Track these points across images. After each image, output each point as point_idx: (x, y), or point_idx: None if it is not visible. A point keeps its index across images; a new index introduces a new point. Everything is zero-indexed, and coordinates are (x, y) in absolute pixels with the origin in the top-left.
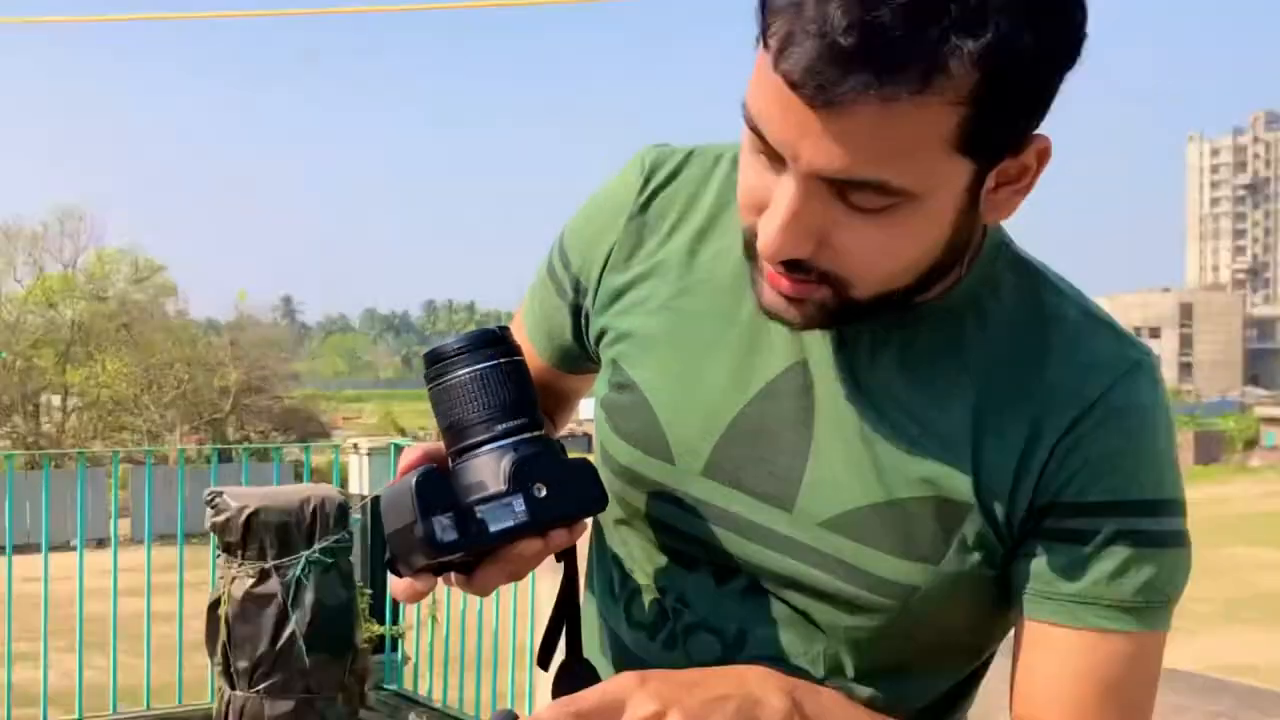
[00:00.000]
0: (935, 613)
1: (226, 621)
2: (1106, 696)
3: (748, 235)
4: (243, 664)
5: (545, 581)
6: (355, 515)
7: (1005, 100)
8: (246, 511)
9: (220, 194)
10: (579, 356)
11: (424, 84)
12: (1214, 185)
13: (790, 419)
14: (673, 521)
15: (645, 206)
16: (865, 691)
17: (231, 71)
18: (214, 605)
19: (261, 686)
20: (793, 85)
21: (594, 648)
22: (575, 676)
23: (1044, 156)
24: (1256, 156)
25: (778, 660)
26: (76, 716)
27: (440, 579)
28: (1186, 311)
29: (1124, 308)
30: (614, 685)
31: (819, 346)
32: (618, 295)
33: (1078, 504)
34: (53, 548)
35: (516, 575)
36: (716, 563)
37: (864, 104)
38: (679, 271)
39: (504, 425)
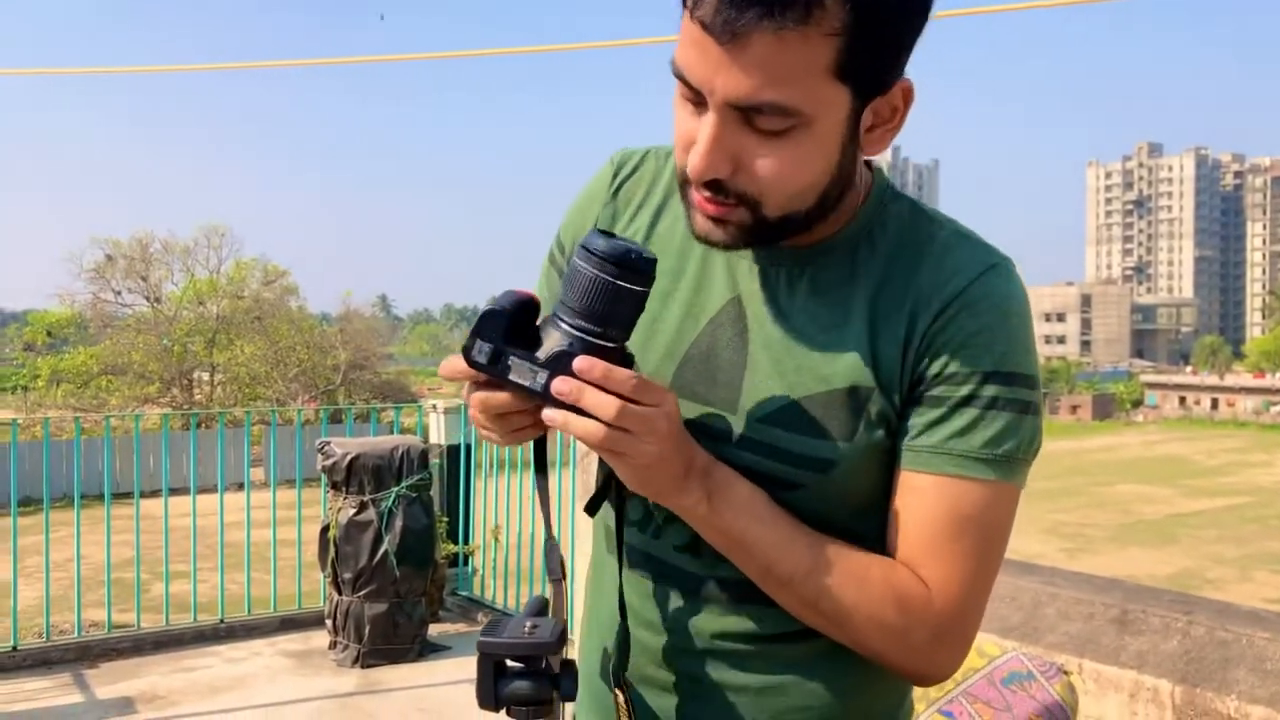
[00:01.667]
0: (852, 482)
1: (334, 543)
2: (960, 534)
3: (680, 172)
4: (347, 575)
5: (579, 514)
6: (434, 460)
7: (872, 34)
8: (349, 456)
9: (333, 214)
10: None
11: (498, 101)
12: (1108, 201)
13: (730, 342)
14: None
15: (615, 194)
16: None
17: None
18: (324, 530)
19: (362, 593)
20: (704, 26)
21: (604, 548)
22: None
23: (908, 96)
24: (1141, 178)
25: None
26: (220, 617)
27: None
28: (1086, 301)
29: (1037, 298)
30: (652, 401)
31: (749, 283)
32: None
33: (940, 375)
34: (200, 490)
35: (514, 438)
36: None
37: (760, 35)
38: (642, 240)
39: (583, 324)
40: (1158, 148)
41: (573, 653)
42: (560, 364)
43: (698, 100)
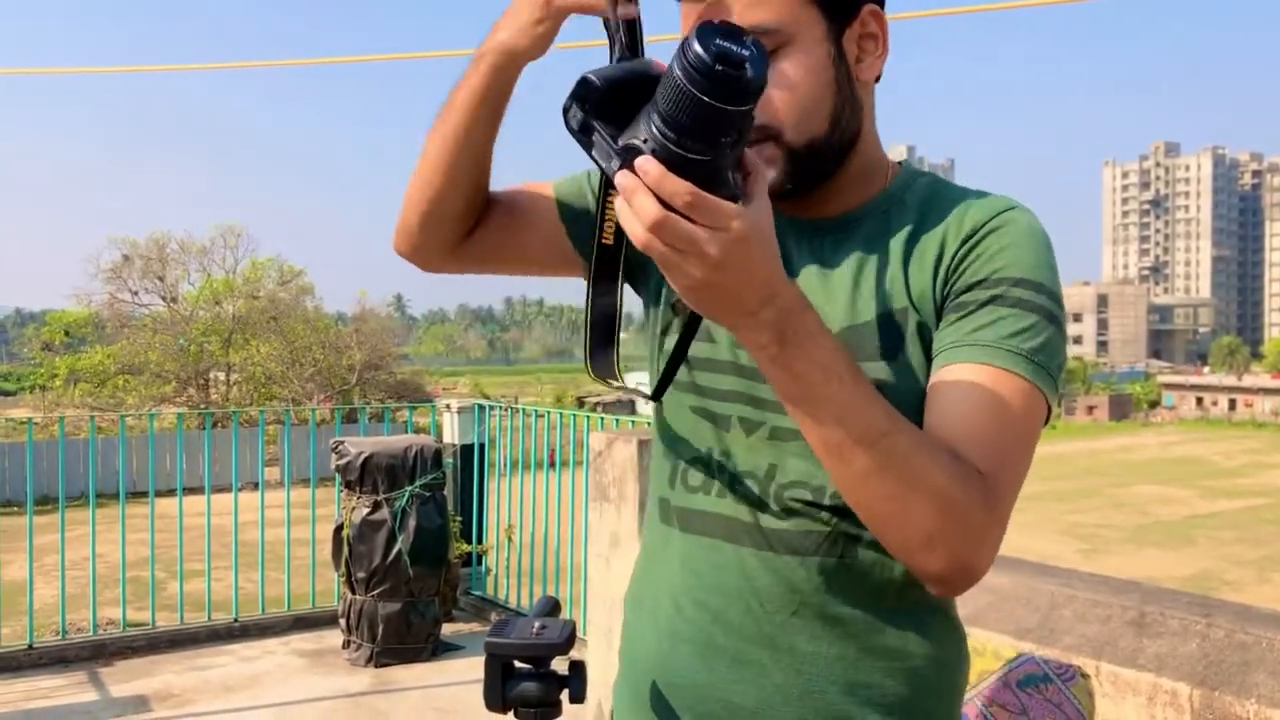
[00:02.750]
0: (903, 400)
1: (348, 542)
2: (999, 421)
3: None
4: (361, 574)
5: (594, 514)
6: (447, 459)
7: None
8: (363, 456)
9: (348, 213)
10: (560, 240)
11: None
12: (1124, 201)
13: None
14: (713, 384)
15: None
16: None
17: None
18: (338, 529)
19: (375, 592)
20: None
21: (658, 519)
22: None
23: (880, 20)
24: (1157, 178)
25: (800, 484)
26: (234, 616)
27: None
28: (1103, 301)
29: None
30: (726, 214)
31: (795, 249)
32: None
33: (970, 284)
34: (215, 489)
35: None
36: (743, 418)
37: None
38: None
39: (663, 127)
40: (1175, 147)
41: (586, 655)
42: (628, 157)
43: None
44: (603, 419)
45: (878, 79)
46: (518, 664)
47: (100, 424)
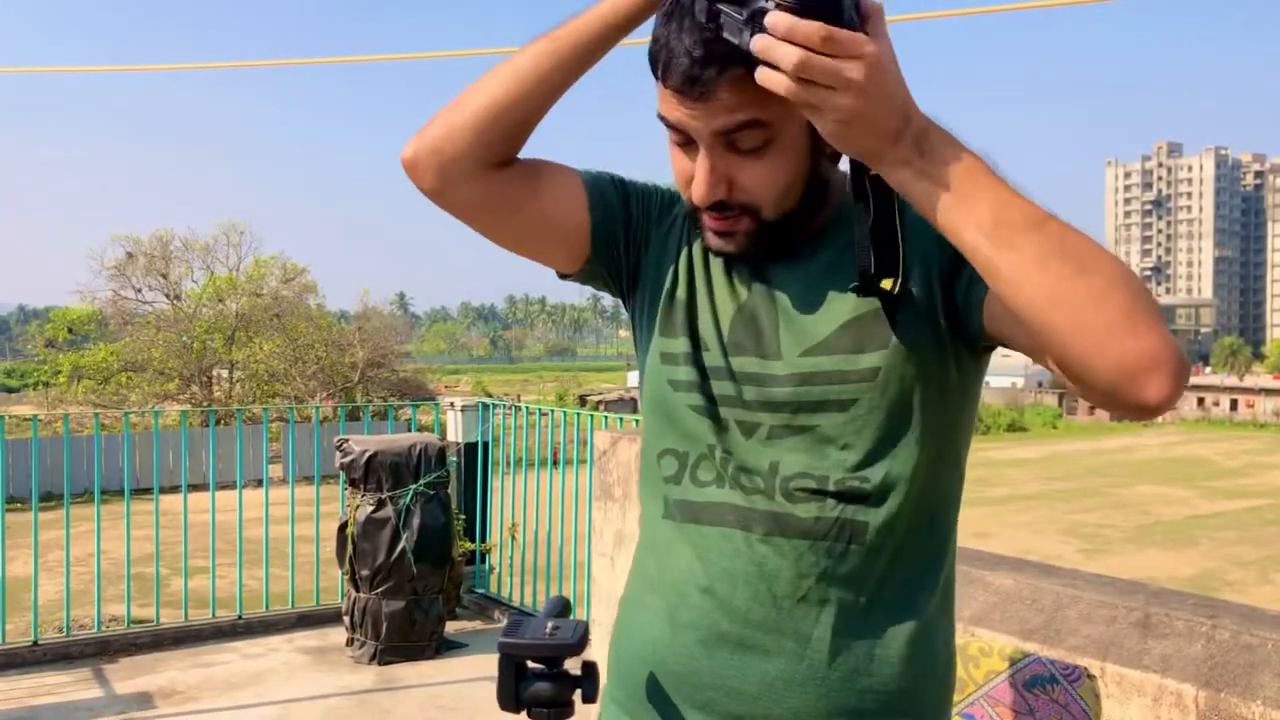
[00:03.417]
0: (899, 384)
1: (352, 539)
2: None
3: (688, 205)
4: (365, 572)
5: (599, 513)
6: (451, 457)
7: None
8: (367, 454)
9: (350, 213)
10: (579, 228)
11: None
12: (1126, 200)
13: (765, 307)
14: (711, 389)
15: (670, 225)
16: (867, 484)
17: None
18: (342, 527)
19: (379, 590)
20: (677, 92)
21: (658, 514)
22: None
23: None
24: (1160, 178)
25: (804, 475)
26: (238, 613)
27: None
28: None
29: None
30: (860, 41)
31: (770, 270)
32: (656, 277)
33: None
34: (219, 486)
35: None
36: (740, 420)
37: (720, 85)
38: (688, 263)
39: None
40: (1177, 147)
41: (593, 654)
42: (757, 21)
43: (686, 141)
44: (605, 417)
45: None
46: (530, 664)
47: (104, 421)
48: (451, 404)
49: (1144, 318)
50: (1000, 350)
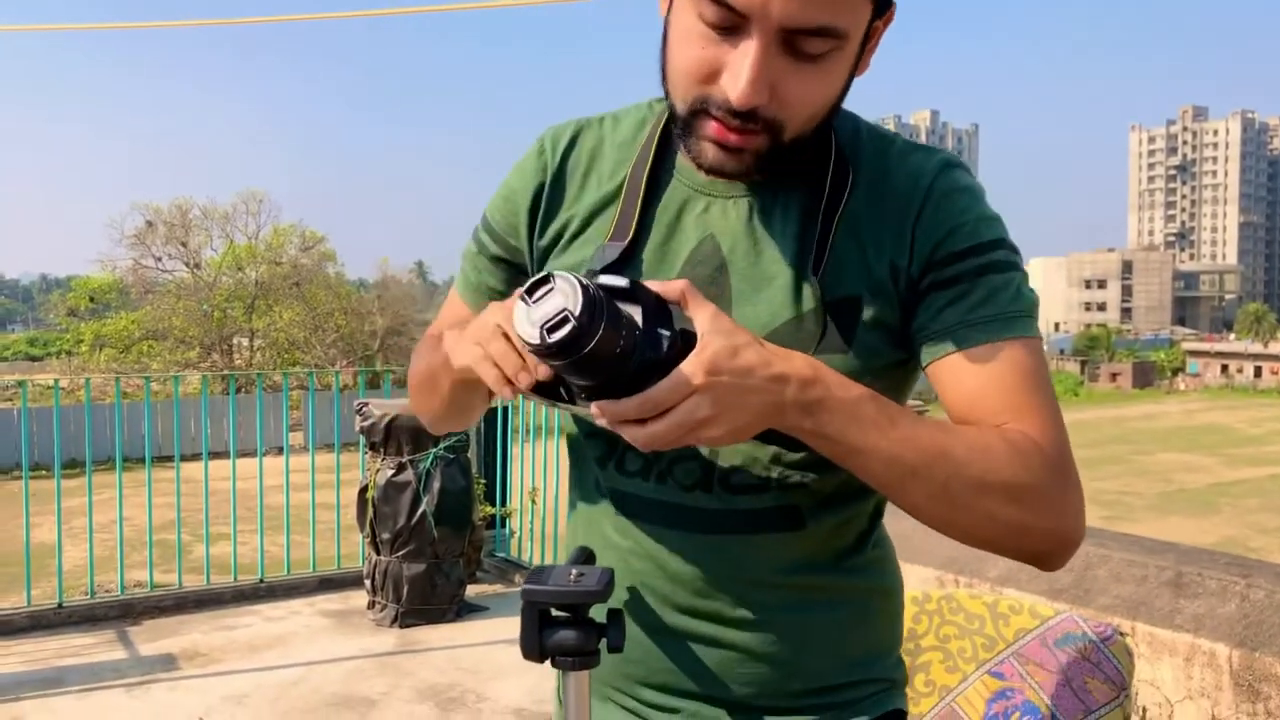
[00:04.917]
0: (841, 370)
1: (373, 504)
2: (1032, 386)
3: (694, 104)
4: (385, 536)
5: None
6: None
7: None
8: (387, 418)
9: (370, 182)
10: (504, 296)
11: (529, 82)
12: (1150, 166)
13: (710, 278)
14: None
15: (559, 174)
16: (809, 476)
17: (379, 86)
18: (363, 491)
19: (400, 553)
20: None
21: (598, 513)
22: None
23: (890, 19)
24: (1185, 143)
25: (743, 469)
26: (259, 577)
27: None
28: (1128, 267)
29: (1078, 264)
30: (680, 384)
31: (720, 221)
32: (558, 238)
33: (946, 257)
34: (240, 453)
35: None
36: None
37: None
38: (602, 208)
39: (580, 381)
40: (1203, 111)
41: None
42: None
43: (727, 27)
44: None
45: None
46: (554, 612)
47: (125, 388)
48: None
49: (1034, 521)
50: None
